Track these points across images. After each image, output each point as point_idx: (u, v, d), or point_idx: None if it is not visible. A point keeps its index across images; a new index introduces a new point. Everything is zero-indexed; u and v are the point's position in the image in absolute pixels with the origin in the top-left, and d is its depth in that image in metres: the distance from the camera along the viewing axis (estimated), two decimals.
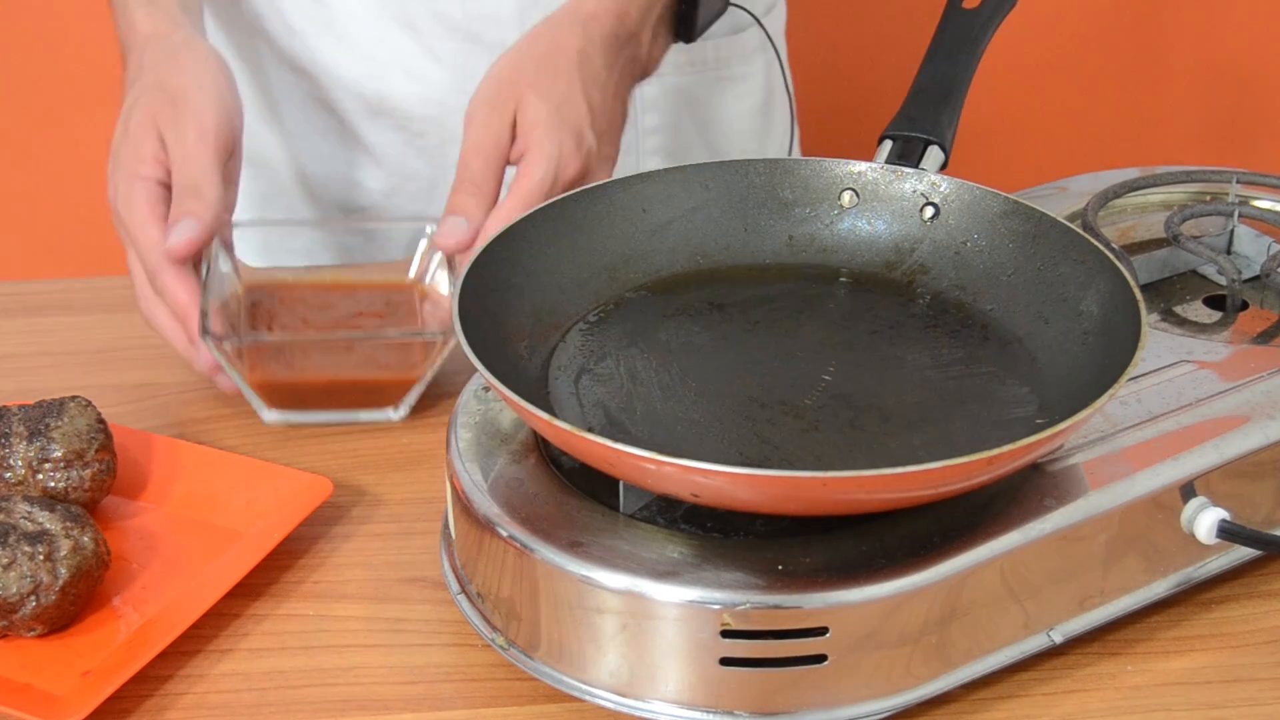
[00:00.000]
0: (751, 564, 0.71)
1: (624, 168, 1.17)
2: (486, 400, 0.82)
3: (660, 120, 1.24)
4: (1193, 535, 0.78)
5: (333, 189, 1.24)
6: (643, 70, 1.09)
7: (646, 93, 1.22)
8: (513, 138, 0.99)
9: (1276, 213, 0.97)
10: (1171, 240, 0.94)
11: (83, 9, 1.91)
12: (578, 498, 0.75)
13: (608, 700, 0.73)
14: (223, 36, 1.24)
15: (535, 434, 0.79)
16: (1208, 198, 1.01)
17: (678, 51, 1.18)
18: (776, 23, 1.30)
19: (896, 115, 0.92)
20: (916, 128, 0.91)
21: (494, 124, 0.98)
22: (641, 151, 1.25)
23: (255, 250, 1.06)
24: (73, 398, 0.86)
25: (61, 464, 0.84)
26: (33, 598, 0.77)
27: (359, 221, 1.24)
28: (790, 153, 1.33)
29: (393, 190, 1.22)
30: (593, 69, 1.02)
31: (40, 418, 0.84)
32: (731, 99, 1.27)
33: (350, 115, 1.21)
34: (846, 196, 0.90)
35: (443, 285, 0.98)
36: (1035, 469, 0.77)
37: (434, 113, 1.19)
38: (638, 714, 0.73)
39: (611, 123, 1.05)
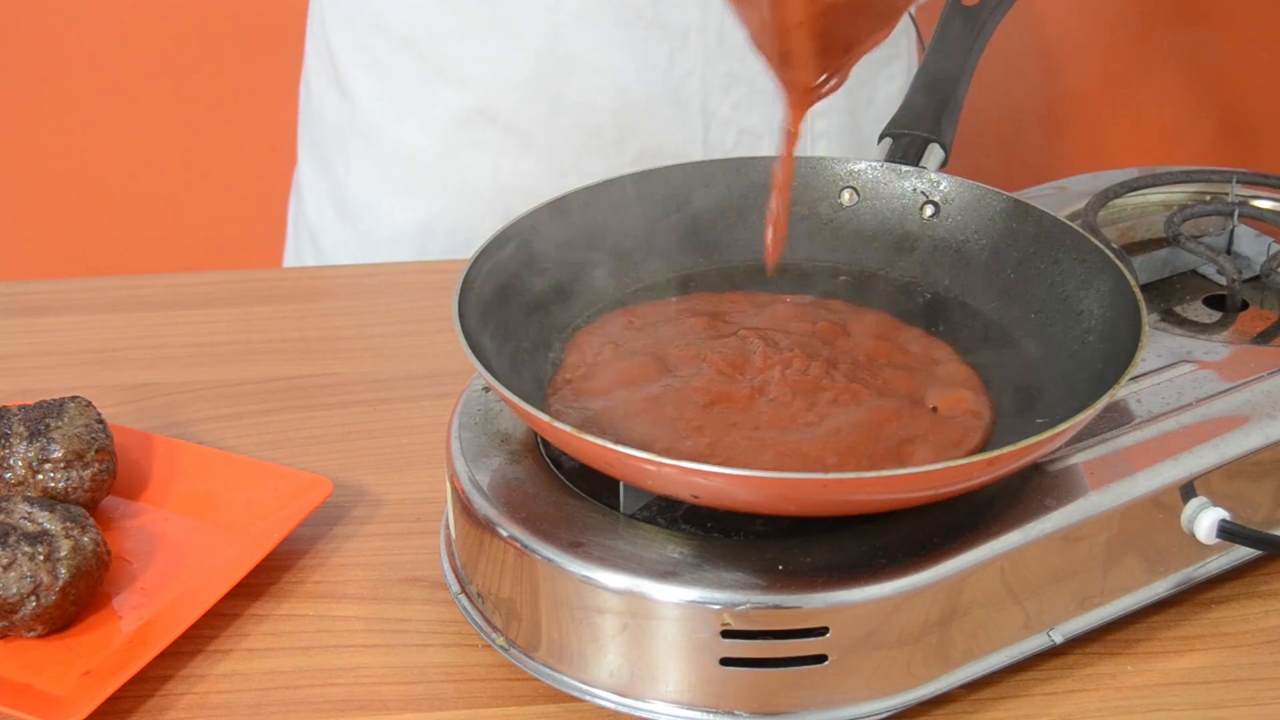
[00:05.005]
0: (751, 564, 0.71)
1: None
2: (486, 400, 0.82)
3: (825, 103, 1.21)
4: (1193, 535, 0.78)
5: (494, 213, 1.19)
6: None
7: None
8: None
9: (1276, 213, 0.97)
10: (1171, 240, 0.94)
11: (83, 9, 1.91)
12: (578, 498, 0.75)
13: (608, 700, 0.73)
14: (362, 54, 1.21)
15: (535, 434, 0.79)
16: (1208, 198, 1.01)
17: None
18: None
19: (896, 113, 0.92)
20: (916, 126, 0.91)
21: None
22: (811, 134, 1.22)
23: None
24: (73, 398, 0.86)
25: (61, 464, 0.84)
26: (33, 598, 0.77)
27: None
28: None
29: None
30: None
31: (40, 418, 0.84)
32: (882, 80, 1.26)
33: (516, 123, 1.18)
34: (846, 195, 0.90)
35: None
36: (1035, 469, 0.77)
37: (616, 105, 1.17)
38: (638, 714, 0.73)
39: None
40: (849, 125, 1.24)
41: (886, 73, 1.26)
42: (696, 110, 1.18)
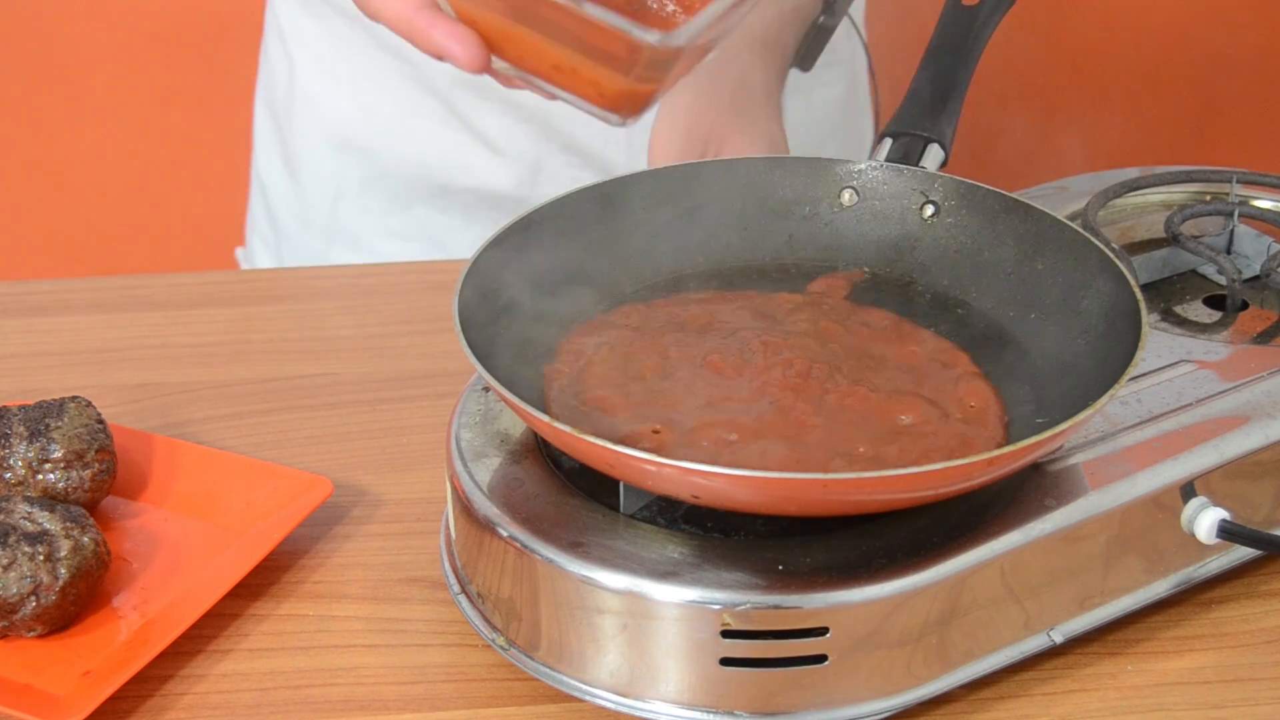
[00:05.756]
0: (752, 564, 0.71)
1: None
2: (486, 400, 0.82)
3: None
4: (1193, 535, 0.78)
5: (434, 172, 1.24)
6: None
7: None
8: None
9: (1276, 213, 0.97)
10: (1171, 240, 0.94)
11: (83, 9, 1.91)
12: (578, 498, 0.75)
13: (608, 700, 0.73)
14: (313, 21, 1.24)
15: (535, 434, 0.79)
16: (1208, 198, 1.01)
17: None
18: (858, 9, 1.29)
19: (896, 113, 0.92)
20: (916, 126, 0.91)
21: (692, 157, 0.99)
22: None
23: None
24: (73, 398, 0.86)
25: (61, 464, 0.83)
26: (33, 598, 0.77)
27: None
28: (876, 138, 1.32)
29: (496, 171, 1.22)
30: (775, 99, 1.02)
31: (40, 418, 0.84)
32: (820, 85, 1.26)
33: (453, 98, 1.20)
34: (846, 195, 0.90)
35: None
36: (1035, 469, 0.77)
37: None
38: (638, 714, 0.73)
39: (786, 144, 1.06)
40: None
41: (824, 78, 1.26)
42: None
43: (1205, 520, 0.77)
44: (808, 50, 1.10)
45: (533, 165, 1.22)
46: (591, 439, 0.69)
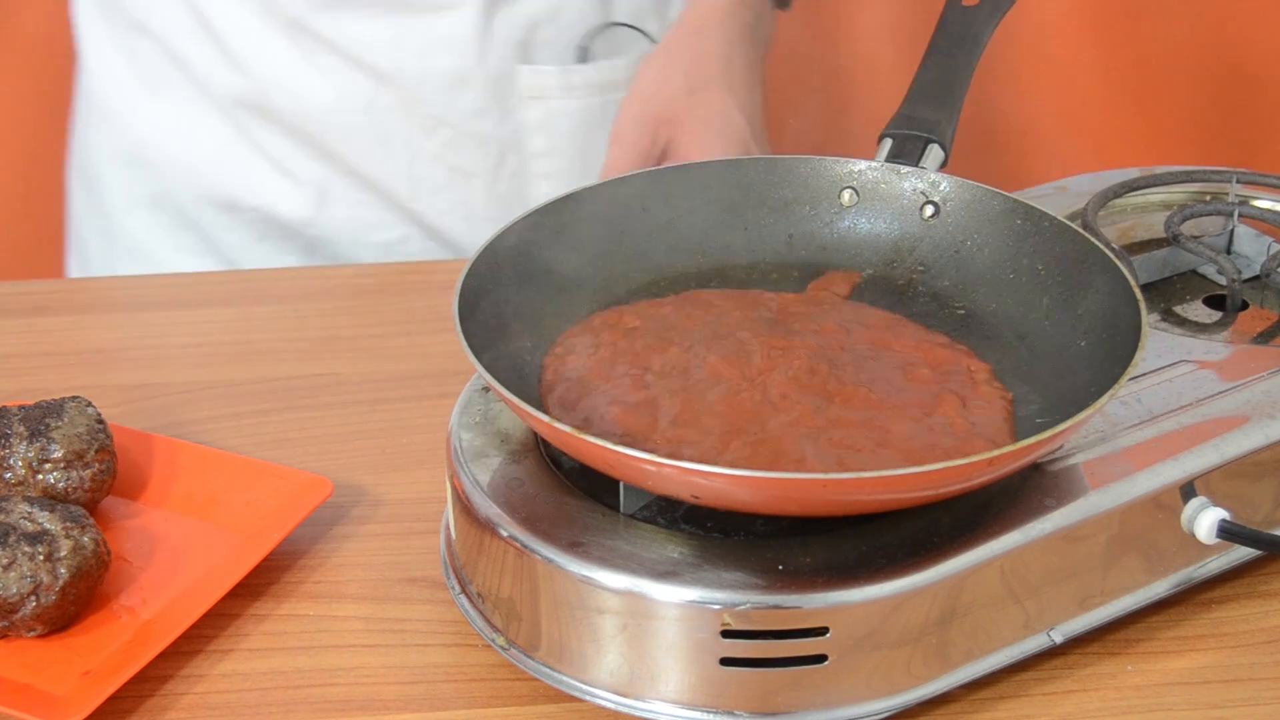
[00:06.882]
0: (751, 564, 0.71)
1: (512, 190, 1.20)
2: (486, 400, 0.82)
3: (550, 144, 1.23)
4: (1193, 535, 0.78)
5: (220, 189, 1.24)
6: (766, 41, 1.08)
7: (532, 115, 1.22)
8: (662, 156, 0.99)
9: (1276, 213, 0.97)
10: (1171, 240, 0.94)
11: None
12: (578, 498, 0.75)
13: (608, 700, 0.73)
14: (105, 29, 1.24)
15: (535, 434, 0.79)
16: (1208, 198, 1.01)
17: (565, 74, 1.19)
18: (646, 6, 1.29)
19: (896, 113, 0.92)
20: (916, 126, 0.91)
21: (643, 143, 0.98)
22: (531, 174, 1.24)
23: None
24: (73, 398, 0.86)
25: (61, 464, 0.83)
26: (33, 598, 0.77)
27: None
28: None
29: (285, 192, 1.22)
30: (737, 71, 1.02)
31: (40, 418, 0.84)
32: (612, 87, 1.25)
33: (239, 118, 1.21)
34: (846, 195, 0.90)
35: None
36: (1035, 469, 0.77)
37: (317, 128, 1.20)
38: (638, 714, 0.73)
39: (759, 113, 1.04)
40: (580, 167, 1.25)
41: (611, 74, 1.25)
42: (400, 146, 1.20)
43: (1205, 520, 0.77)
44: None
45: (319, 189, 1.22)
46: (591, 439, 0.69)
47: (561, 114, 1.22)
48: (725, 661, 0.71)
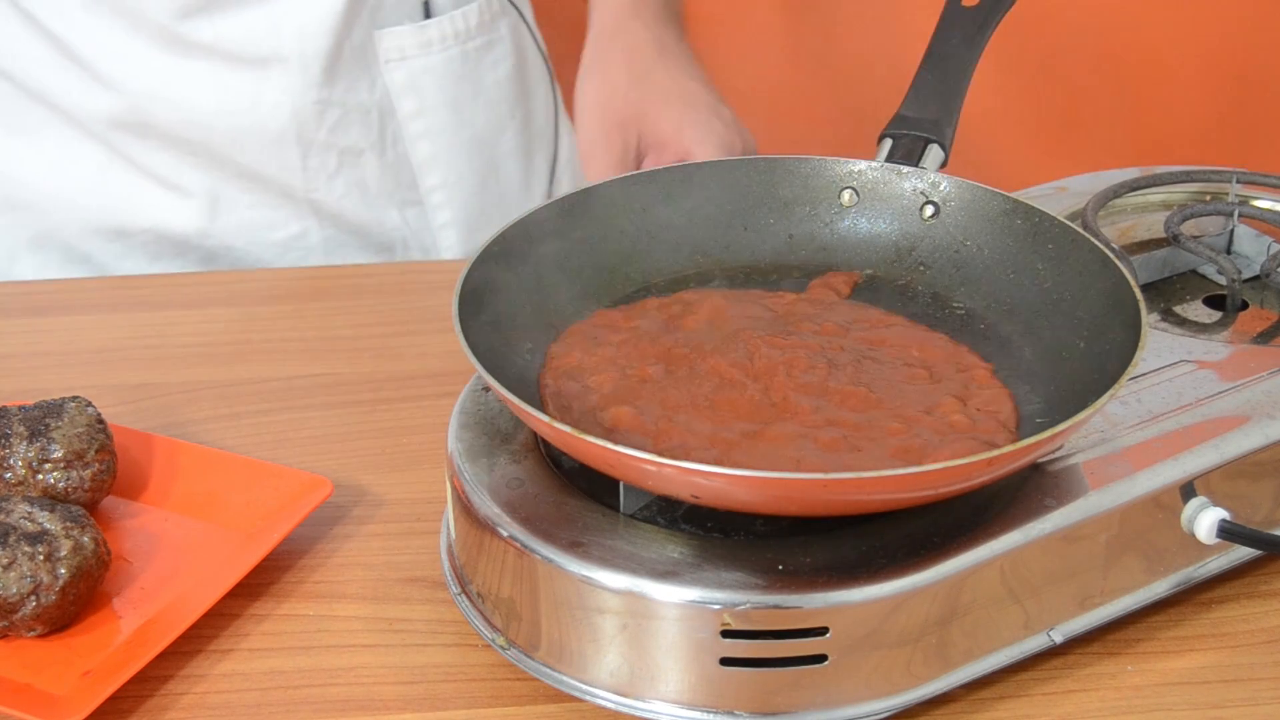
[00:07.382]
0: (751, 564, 0.71)
1: (398, 157, 1.21)
2: (486, 400, 0.82)
3: (420, 103, 1.24)
4: (1193, 535, 0.78)
5: (105, 218, 1.22)
6: (679, 15, 1.09)
7: (396, 79, 1.22)
8: (641, 154, 0.99)
9: (1276, 213, 0.97)
10: (1171, 240, 0.94)
11: None
12: (578, 498, 0.75)
13: (608, 700, 0.73)
14: None
15: (535, 434, 0.79)
16: (1208, 198, 1.01)
17: (420, 30, 1.20)
18: None
19: (896, 114, 0.92)
20: (916, 126, 0.91)
21: (616, 149, 0.98)
22: (408, 138, 1.25)
23: None
24: (73, 398, 0.86)
25: (61, 464, 0.84)
26: (33, 598, 0.77)
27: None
28: (556, 109, 1.33)
29: (175, 207, 1.22)
30: (672, 50, 1.02)
31: (40, 418, 0.84)
32: (486, 68, 1.27)
33: (112, 139, 1.20)
34: (846, 195, 0.90)
35: None
36: (1035, 469, 0.77)
37: (200, 136, 1.19)
38: (638, 714, 0.73)
39: (708, 80, 1.05)
40: (451, 123, 1.25)
41: (488, 60, 1.26)
42: (292, 140, 1.20)
43: (1205, 520, 0.77)
44: None
45: (210, 198, 1.21)
46: (591, 439, 0.69)
47: (423, 72, 1.23)
48: (725, 661, 0.71)
